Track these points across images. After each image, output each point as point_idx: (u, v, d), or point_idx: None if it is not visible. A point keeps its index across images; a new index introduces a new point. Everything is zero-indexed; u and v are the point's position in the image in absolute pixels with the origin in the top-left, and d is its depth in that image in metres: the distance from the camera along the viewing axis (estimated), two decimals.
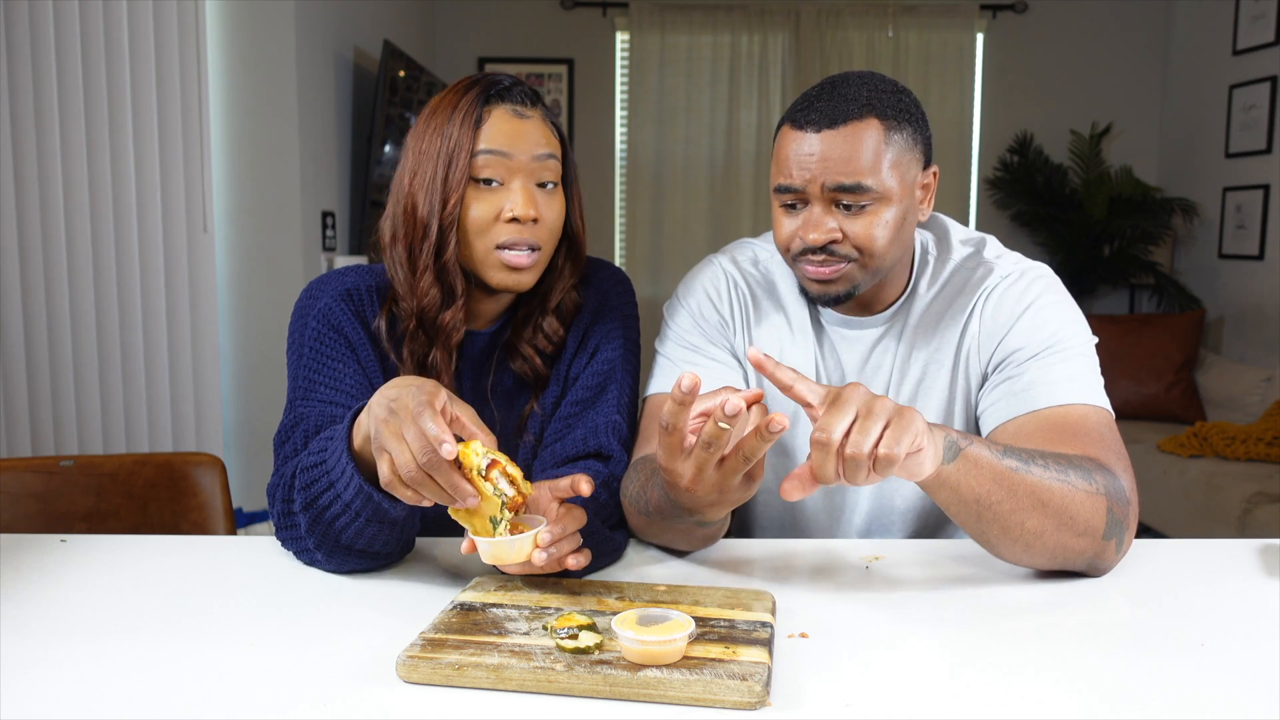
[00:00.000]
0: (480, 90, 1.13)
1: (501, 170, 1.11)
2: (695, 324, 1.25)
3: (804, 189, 1.10)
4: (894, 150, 1.10)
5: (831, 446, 0.81)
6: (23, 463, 1.42)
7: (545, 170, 1.13)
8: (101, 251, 2.50)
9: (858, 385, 0.85)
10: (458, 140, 1.10)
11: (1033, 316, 1.15)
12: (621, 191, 5.11)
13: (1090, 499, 0.96)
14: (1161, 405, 4.22)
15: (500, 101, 1.13)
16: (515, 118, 1.12)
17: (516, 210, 1.10)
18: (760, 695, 0.71)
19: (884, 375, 1.22)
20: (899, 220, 1.12)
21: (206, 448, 2.76)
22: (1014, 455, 0.95)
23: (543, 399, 1.23)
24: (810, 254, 1.13)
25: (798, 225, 1.13)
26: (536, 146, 1.12)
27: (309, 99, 3.11)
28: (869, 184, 1.08)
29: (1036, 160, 4.93)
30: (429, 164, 1.12)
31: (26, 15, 2.31)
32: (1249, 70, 4.30)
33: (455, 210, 1.11)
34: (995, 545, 0.97)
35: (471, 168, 1.10)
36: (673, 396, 0.83)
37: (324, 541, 1.00)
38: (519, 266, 1.12)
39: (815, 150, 1.09)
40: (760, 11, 4.94)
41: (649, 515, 1.04)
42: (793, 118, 1.12)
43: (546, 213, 1.13)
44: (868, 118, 1.09)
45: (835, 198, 1.10)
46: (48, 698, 0.73)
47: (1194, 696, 0.73)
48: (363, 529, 0.98)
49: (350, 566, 1.03)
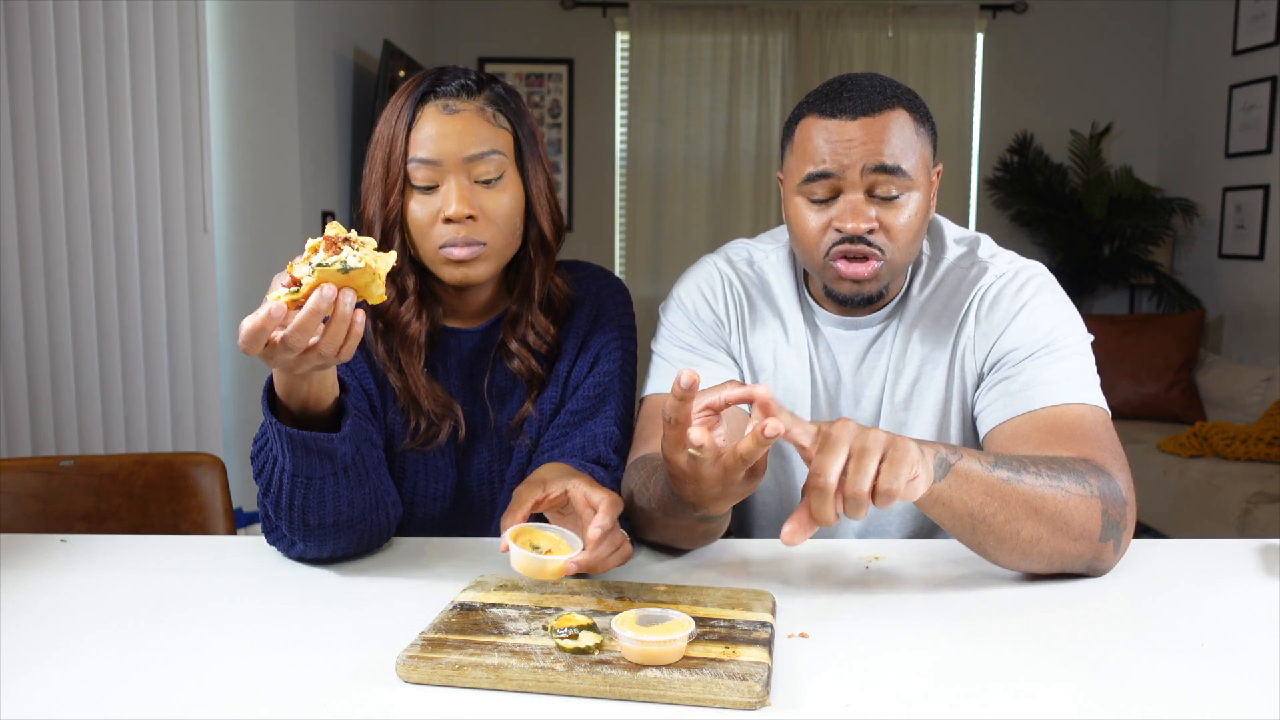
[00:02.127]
0: (414, 88, 1.14)
1: (434, 175, 1.12)
2: (691, 324, 1.25)
3: (841, 175, 1.09)
4: (921, 141, 1.11)
5: (829, 490, 0.80)
6: (23, 463, 1.42)
7: (480, 166, 1.13)
8: (101, 251, 2.50)
9: (847, 421, 0.84)
10: (392, 144, 1.13)
11: (1028, 316, 1.15)
12: (621, 191, 5.10)
13: (1084, 503, 0.96)
14: (1161, 405, 4.22)
15: (433, 99, 1.13)
16: (445, 115, 1.12)
17: (449, 211, 1.11)
18: (760, 695, 0.71)
19: (879, 376, 1.22)
20: (924, 212, 1.13)
21: (206, 448, 2.76)
22: (1005, 465, 0.94)
23: (540, 401, 1.23)
24: (846, 245, 1.11)
25: (831, 216, 1.11)
26: (466, 147, 1.12)
27: (309, 99, 3.11)
28: (907, 169, 1.09)
29: (1036, 160, 4.93)
30: (374, 168, 1.15)
31: (26, 15, 2.31)
32: (1249, 70, 4.30)
33: (396, 212, 1.13)
34: (992, 554, 0.97)
35: (407, 174, 1.12)
36: (673, 392, 0.83)
37: (293, 524, 1.00)
38: (461, 260, 1.13)
39: (854, 135, 1.08)
40: (760, 11, 4.94)
41: (651, 511, 1.04)
42: (819, 109, 1.11)
43: (488, 207, 1.13)
44: (898, 107, 1.10)
45: (874, 183, 1.09)
46: (48, 697, 0.73)
47: (1194, 696, 0.73)
48: (320, 490, 0.98)
49: (331, 547, 1.03)
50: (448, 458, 1.23)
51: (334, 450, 0.98)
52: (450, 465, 1.23)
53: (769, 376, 1.24)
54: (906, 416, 1.21)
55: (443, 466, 1.22)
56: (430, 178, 1.12)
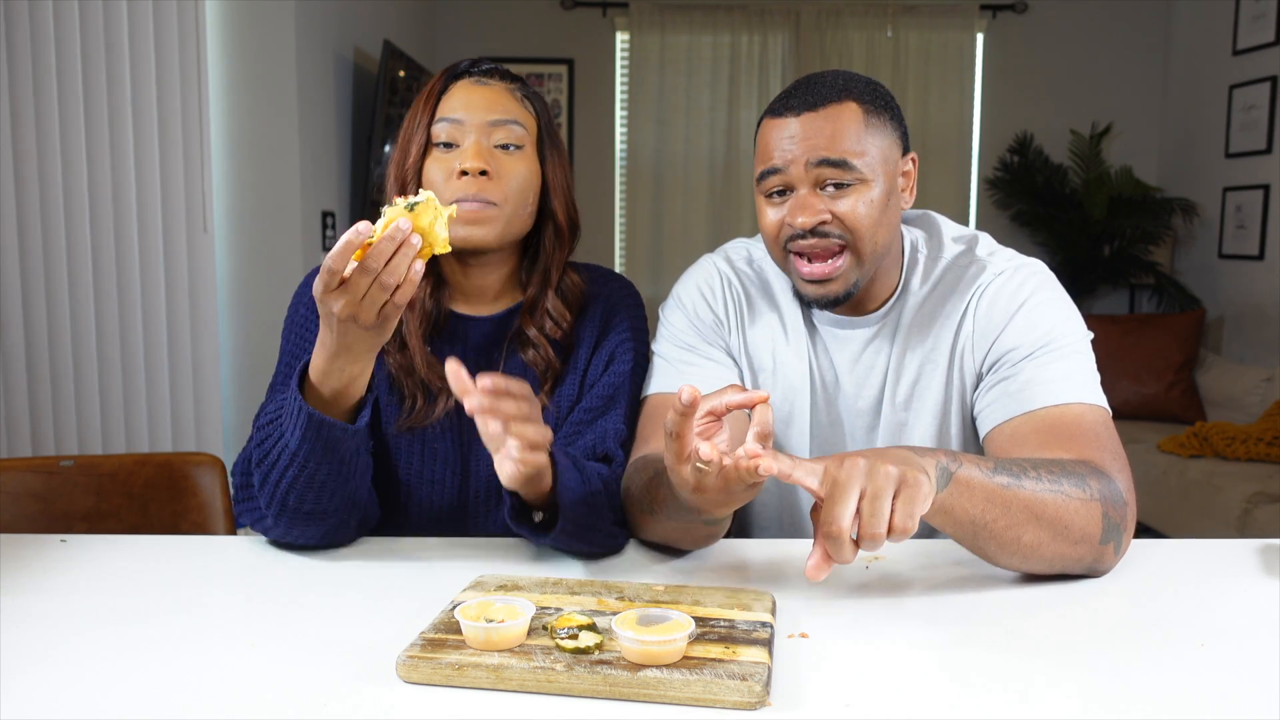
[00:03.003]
0: (447, 71, 1.20)
1: (456, 133, 1.16)
2: (690, 324, 1.25)
3: (787, 169, 1.11)
4: (873, 132, 1.12)
5: (844, 539, 0.79)
6: (23, 463, 1.42)
7: (501, 132, 1.16)
8: (101, 251, 2.50)
9: (856, 460, 0.82)
10: (419, 115, 1.17)
11: (1027, 314, 1.14)
12: (621, 191, 5.11)
13: (1085, 506, 0.95)
14: (1161, 405, 4.22)
15: (464, 77, 1.19)
16: (474, 86, 1.18)
17: (464, 163, 1.13)
18: (760, 695, 0.71)
19: (878, 376, 1.22)
20: (883, 201, 1.13)
21: (206, 448, 2.76)
22: (1005, 470, 0.94)
23: (558, 396, 1.23)
24: (800, 241, 1.12)
25: (783, 213, 1.14)
26: (492, 111, 1.16)
27: (309, 99, 3.11)
28: (853, 160, 1.10)
29: (1036, 160, 4.93)
30: (402, 135, 1.19)
31: (26, 15, 2.31)
32: (1249, 70, 4.30)
33: (415, 170, 1.16)
34: (993, 558, 0.97)
35: (430, 136, 1.16)
36: (674, 408, 0.83)
37: (272, 502, 1.04)
38: (471, 220, 1.14)
39: (796, 132, 1.11)
40: (760, 11, 4.94)
41: (653, 513, 1.04)
42: (771, 110, 1.16)
43: (504, 169, 1.16)
44: (845, 101, 1.12)
45: (820, 176, 1.11)
46: (48, 697, 0.73)
47: (1194, 696, 0.73)
48: (311, 476, 1.02)
49: (298, 534, 1.07)
50: (447, 440, 1.22)
51: (342, 441, 1.02)
52: (452, 448, 1.23)
53: (768, 376, 1.24)
54: (907, 417, 1.21)
55: (441, 450, 1.22)
56: (452, 135, 1.15)
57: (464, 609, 0.80)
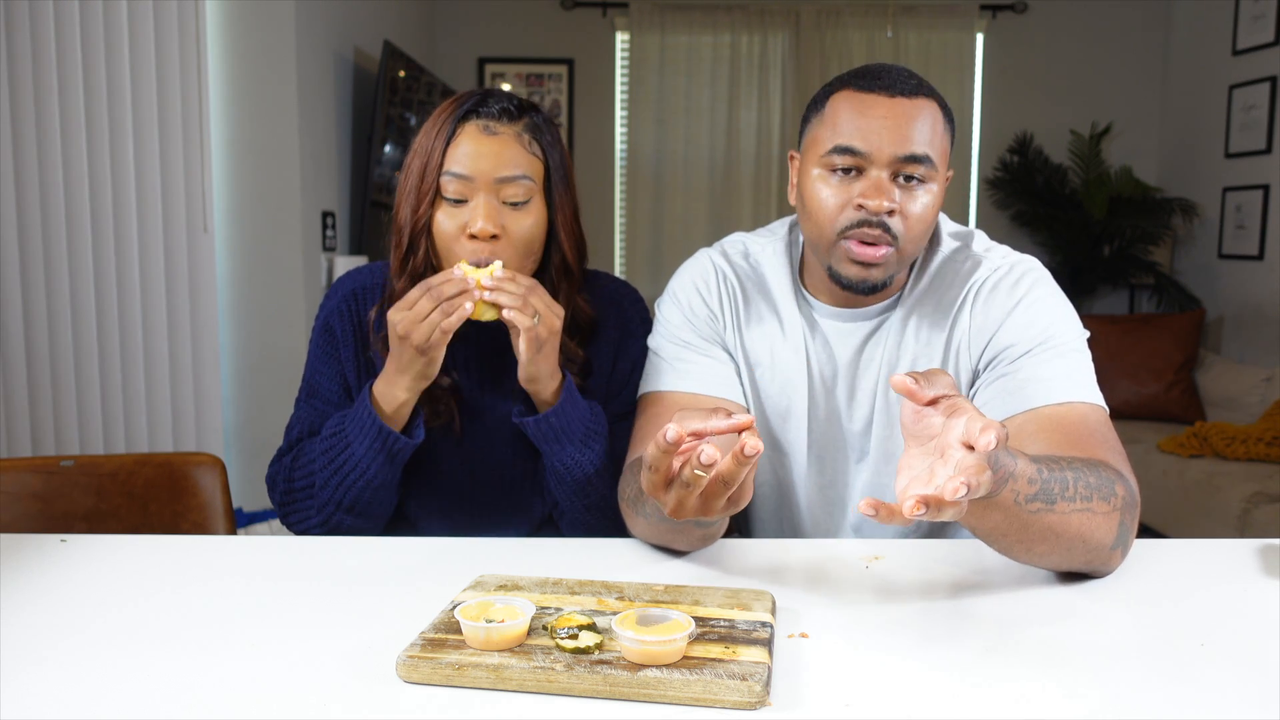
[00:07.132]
0: (456, 106, 1.18)
1: (465, 190, 1.16)
2: (686, 320, 1.25)
3: (870, 153, 1.09)
4: (946, 138, 1.12)
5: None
6: (23, 463, 1.42)
7: (509, 189, 1.16)
8: (101, 251, 2.50)
9: None
10: (429, 155, 1.18)
11: (1024, 311, 1.14)
12: (621, 191, 5.11)
13: (1106, 519, 0.94)
14: (1161, 405, 4.22)
15: (474, 118, 1.17)
16: (484, 135, 1.16)
17: (474, 227, 1.15)
18: (760, 695, 0.71)
19: (875, 370, 1.21)
20: (938, 206, 1.13)
21: (206, 448, 2.76)
22: (1043, 495, 0.88)
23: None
24: (864, 228, 1.10)
25: (853, 193, 1.10)
26: (500, 169, 1.16)
27: (309, 99, 3.11)
28: (934, 158, 1.09)
29: (1036, 160, 4.93)
30: (409, 176, 1.19)
31: (26, 15, 2.31)
32: (1249, 70, 4.30)
33: (424, 221, 1.18)
34: (998, 551, 0.96)
35: (439, 186, 1.17)
36: (656, 443, 0.81)
37: (330, 501, 1.18)
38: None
39: (889, 114, 1.08)
40: (760, 11, 4.94)
41: (647, 518, 1.03)
42: (856, 84, 1.11)
43: (511, 227, 1.17)
44: (931, 98, 1.11)
45: (899, 169, 1.09)
46: (48, 698, 0.73)
47: (1194, 696, 0.73)
48: (369, 482, 1.16)
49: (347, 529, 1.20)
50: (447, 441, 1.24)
51: (403, 451, 1.17)
52: (452, 444, 1.23)
53: (765, 370, 1.24)
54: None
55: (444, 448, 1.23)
56: (461, 192, 1.16)
57: (464, 609, 0.80)
